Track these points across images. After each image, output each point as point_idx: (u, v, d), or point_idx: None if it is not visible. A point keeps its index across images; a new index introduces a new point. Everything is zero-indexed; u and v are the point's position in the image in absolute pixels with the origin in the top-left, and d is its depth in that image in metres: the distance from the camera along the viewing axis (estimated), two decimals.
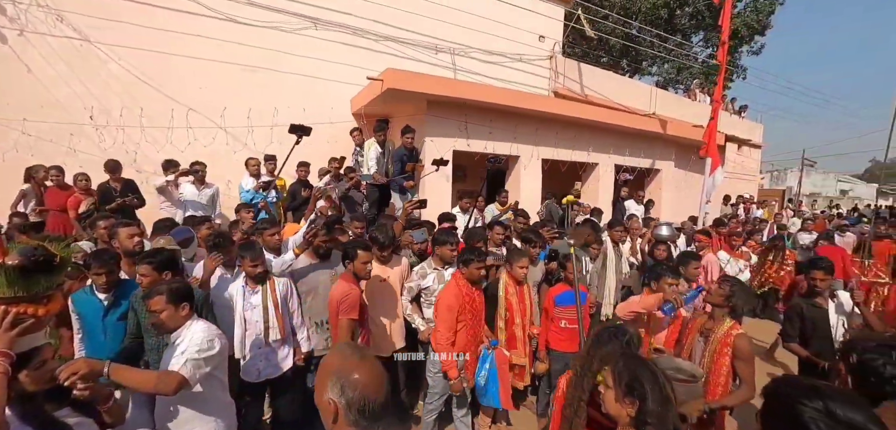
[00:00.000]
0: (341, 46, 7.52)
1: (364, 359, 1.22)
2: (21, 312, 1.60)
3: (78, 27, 6.08)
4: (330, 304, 2.97)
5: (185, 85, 6.53)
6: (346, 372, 1.16)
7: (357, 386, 1.13)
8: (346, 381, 1.14)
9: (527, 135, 7.45)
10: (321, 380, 1.20)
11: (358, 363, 1.18)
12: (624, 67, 19.77)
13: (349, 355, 1.22)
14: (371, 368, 1.20)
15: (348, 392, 1.13)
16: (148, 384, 2.04)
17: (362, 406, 1.13)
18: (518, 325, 3.64)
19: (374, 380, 1.17)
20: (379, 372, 1.21)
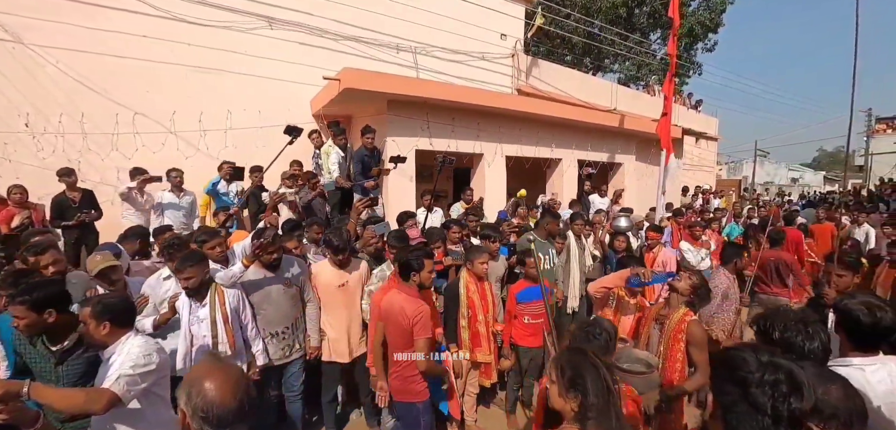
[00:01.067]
0: (298, 46, 7.32)
1: (220, 369, 1.24)
2: None
3: (9, 27, 5.66)
4: (398, 319, 2.70)
5: (131, 88, 6.18)
6: (196, 380, 1.19)
7: (203, 393, 1.15)
8: (194, 388, 1.17)
9: (490, 133, 7.49)
10: (180, 394, 1.22)
11: (210, 372, 1.21)
12: (587, 65, 20.26)
13: (207, 366, 1.25)
14: (223, 376, 1.21)
15: (194, 399, 1.16)
16: (75, 403, 1.91)
17: (206, 414, 1.14)
18: (481, 322, 3.62)
19: (224, 388, 1.18)
20: (232, 380, 1.22)
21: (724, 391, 1.22)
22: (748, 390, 1.14)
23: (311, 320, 3.37)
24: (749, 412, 1.13)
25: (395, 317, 2.72)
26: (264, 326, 3.13)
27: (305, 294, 3.35)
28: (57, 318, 2.21)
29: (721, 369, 1.27)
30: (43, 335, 2.24)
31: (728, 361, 1.25)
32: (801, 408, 1.09)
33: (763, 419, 1.11)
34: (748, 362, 1.17)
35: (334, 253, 3.33)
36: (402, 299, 2.72)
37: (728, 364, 1.24)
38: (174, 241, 3.15)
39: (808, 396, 1.09)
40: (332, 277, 3.40)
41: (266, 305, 3.13)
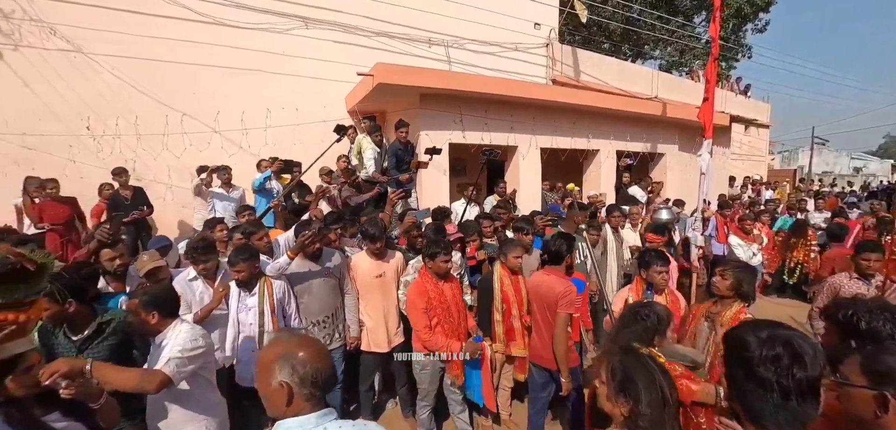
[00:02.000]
0: (333, 44, 7.47)
1: (303, 338, 1.33)
2: (1, 319, 1.62)
3: (71, 39, 6.11)
4: (544, 296, 3.14)
5: (179, 91, 6.53)
6: (291, 354, 1.24)
7: (307, 363, 1.23)
8: (295, 362, 1.23)
9: (524, 124, 7.36)
10: (265, 370, 1.26)
11: (299, 342, 1.29)
12: (625, 53, 19.53)
13: (289, 339, 1.31)
14: (312, 344, 1.31)
15: (300, 370, 1.22)
16: (131, 382, 2.05)
17: (315, 379, 1.22)
18: (516, 316, 3.57)
19: (319, 354, 1.28)
20: (320, 346, 1.33)
21: (734, 375, 1.23)
22: (753, 369, 1.15)
23: (349, 310, 3.46)
24: (758, 391, 1.14)
25: (542, 294, 3.16)
26: (306, 315, 3.24)
27: (344, 285, 3.43)
28: (76, 308, 2.32)
29: (727, 353, 1.28)
30: (64, 325, 2.36)
31: (731, 344, 1.26)
32: (807, 376, 1.08)
33: (772, 396, 1.11)
34: (748, 342, 1.18)
35: (371, 242, 3.39)
36: (551, 280, 3.16)
37: (732, 347, 1.25)
38: (199, 244, 3.27)
39: (812, 363, 1.08)
40: (370, 267, 3.46)
41: (308, 295, 3.24)
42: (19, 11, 5.94)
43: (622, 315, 2.33)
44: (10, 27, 5.94)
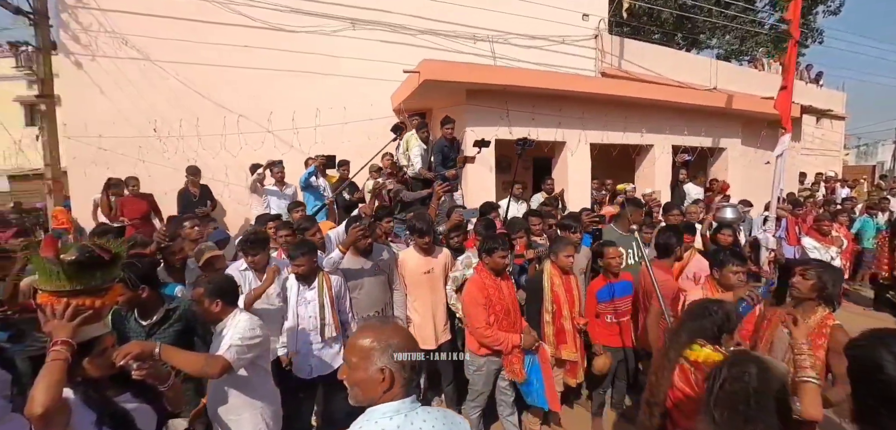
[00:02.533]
0: (378, 44, 7.57)
1: (396, 326, 1.40)
2: (80, 304, 1.72)
3: (141, 48, 6.57)
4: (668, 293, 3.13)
5: (235, 93, 6.85)
6: (390, 340, 1.28)
7: (403, 348, 1.28)
8: (394, 347, 1.27)
9: (573, 119, 7.11)
10: (362, 356, 1.29)
11: (394, 330, 1.35)
12: (679, 42, 18.50)
13: (384, 327, 1.35)
14: (404, 331, 1.41)
15: (399, 356, 1.26)
16: (196, 366, 2.16)
17: (413, 364, 1.28)
18: (566, 318, 3.44)
19: (412, 341, 1.36)
20: (410, 333, 1.42)
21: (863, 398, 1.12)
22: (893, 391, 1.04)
23: (398, 306, 3.47)
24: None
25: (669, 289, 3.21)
26: (356, 310, 3.27)
27: (393, 281, 3.44)
28: (148, 294, 2.46)
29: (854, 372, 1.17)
30: (135, 310, 2.51)
31: (859, 363, 1.16)
32: None
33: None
34: (882, 361, 1.07)
35: (419, 237, 3.37)
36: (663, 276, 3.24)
37: (860, 366, 1.15)
38: (250, 237, 3.36)
39: None
40: (418, 263, 3.45)
41: (359, 290, 3.27)
42: (96, 24, 6.46)
43: (689, 308, 2.16)
44: (89, 39, 6.47)
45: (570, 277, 3.52)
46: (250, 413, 2.40)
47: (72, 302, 1.72)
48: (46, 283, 1.75)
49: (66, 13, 6.39)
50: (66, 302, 1.71)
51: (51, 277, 1.74)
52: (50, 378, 1.54)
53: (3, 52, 17.37)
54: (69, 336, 1.65)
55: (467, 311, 3.10)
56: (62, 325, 1.66)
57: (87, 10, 6.42)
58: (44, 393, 1.51)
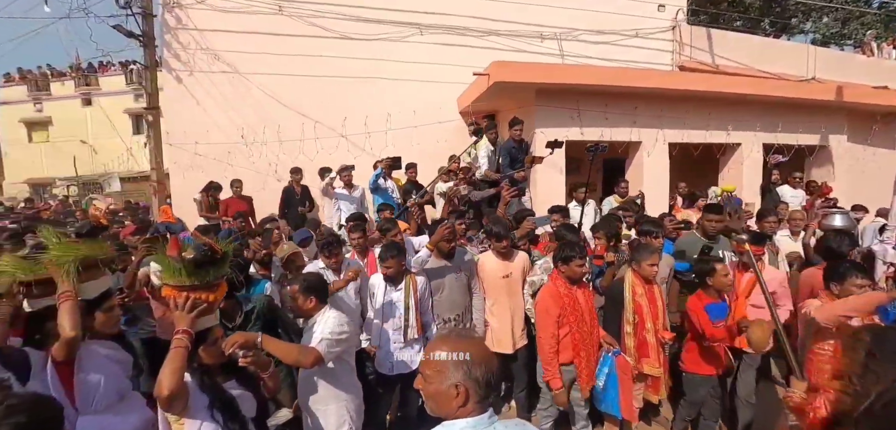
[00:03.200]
0: (444, 48, 7.66)
1: (473, 339, 1.37)
2: (197, 297, 1.92)
3: (230, 62, 7.18)
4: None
5: (312, 101, 7.28)
6: (466, 356, 1.24)
7: (480, 364, 1.23)
8: (471, 363, 1.22)
9: (649, 117, 6.71)
10: (437, 370, 1.26)
11: (471, 343, 1.30)
12: (766, 28, 16.82)
13: (460, 340, 1.32)
14: (482, 345, 1.36)
15: (475, 372, 1.21)
16: (291, 355, 2.34)
17: (488, 381, 1.23)
18: (649, 330, 3.23)
19: (489, 355, 1.29)
20: (487, 347, 1.37)
21: None
22: None
23: (477, 310, 3.46)
24: None
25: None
26: (437, 312, 3.31)
27: (472, 284, 3.45)
28: (227, 302, 2.56)
29: None
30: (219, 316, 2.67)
31: None
32: None
33: None
34: None
35: (497, 240, 3.35)
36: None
37: None
38: (328, 240, 3.48)
39: None
40: (497, 267, 3.42)
41: (440, 292, 3.30)
42: (194, 44, 7.16)
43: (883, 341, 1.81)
44: (187, 56, 7.18)
45: (654, 286, 3.31)
46: (336, 405, 2.53)
47: (190, 296, 1.92)
48: (170, 278, 1.97)
49: (169, 35, 7.15)
50: (186, 296, 1.91)
51: (174, 272, 1.96)
52: (174, 364, 1.74)
53: (116, 71, 19.86)
54: (188, 326, 1.85)
55: (538, 320, 3.04)
56: (182, 316, 1.87)
57: (186, 31, 7.14)
58: (170, 377, 1.71)
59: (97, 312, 2.24)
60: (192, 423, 1.82)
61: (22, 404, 1.21)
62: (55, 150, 20.43)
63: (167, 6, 7.08)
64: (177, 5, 7.07)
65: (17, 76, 21.34)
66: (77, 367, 2.06)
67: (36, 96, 21.17)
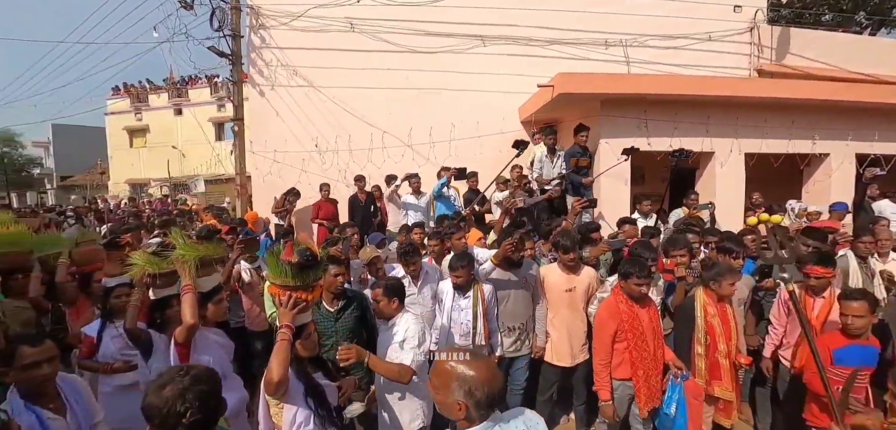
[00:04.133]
0: (507, 58, 7.77)
1: (477, 361, 1.44)
2: (298, 297, 2.17)
3: (306, 77, 7.78)
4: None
5: (380, 112, 7.70)
6: (468, 376, 1.37)
7: (481, 385, 1.35)
8: (472, 384, 1.36)
9: (723, 126, 6.38)
10: (443, 385, 1.41)
11: (474, 365, 1.40)
12: (861, 23, 15.15)
13: (464, 361, 1.42)
14: (484, 365, 1.44)
15: (476, 393, 1.35)
16: (392, 373, 2.56)
17: (490, 400, 1.36)
18: (722, 352, 3.13)
19: (492, 375, 1.40)
20: (492, 366, 1.48)
21: None
22: None
23: (539, 320, 3.54)
24: None
25: None
26: (502, 320, 3.43)
27: (537, 295, 3.53)
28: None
29: None
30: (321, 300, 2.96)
31: None
32: None
33: None
34: None
35: (564, 253, 3.40)
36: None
37: None
38: (408, 247, 3.65)
39: None
40: (560, 280, 3.48)
41: (505, 302, 3.42)
42: (275, 61, 7.84)
43: None
44: (270, 72, 7.86)
45: (727, 306, 3.21)
46: (410, 401, 2.72)
47: (293, 295, 2.18)
48: (276, 278, 2.23)
49: (255, 53, 7.88)
50: (289, 294, 2.17)
51: (279, 273, 2.22)
52: (281, 355, 1.97)
53: (202, 84, 21.93)
54: (291, 322, 2.09)
55: (594, 331, 3.08)
56: (286, 312, 2.12)
57: (268, 49, 7.83)
58: (278, 367, 1.95)
59: (209, 303, 2.61)
60: (290, 408, 2.05)
61: (202, 375, 1.48)
62: (151, 154, 23.00)
63: (253, 28, 7.81)
64: (261, 27, 7.78)
65: (122, 90, 24.26)
66: (192, 348, 2.44)
67: (137, 107, 23.95)
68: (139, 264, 2.62)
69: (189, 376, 1.43)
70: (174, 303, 2.60)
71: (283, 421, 2.05)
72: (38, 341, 1.93)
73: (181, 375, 1.44)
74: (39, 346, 1.91)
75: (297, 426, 2.05)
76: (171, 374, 1.46)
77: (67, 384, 2.11)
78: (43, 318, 3.28)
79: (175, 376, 1.44)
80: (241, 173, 8.76)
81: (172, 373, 1.46)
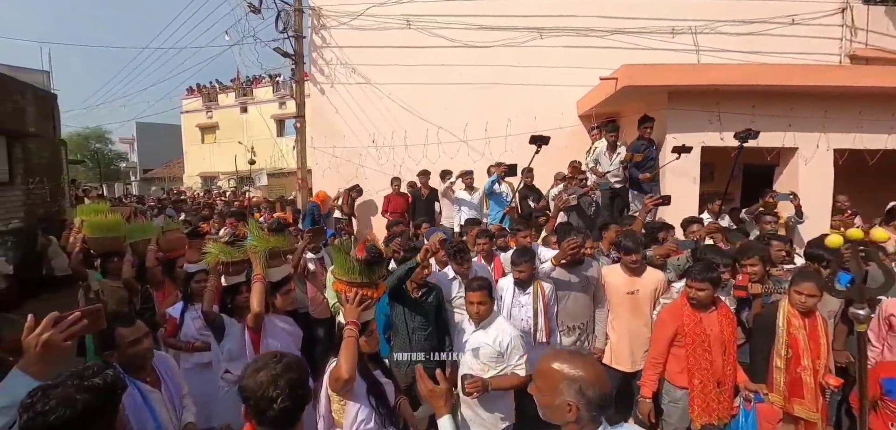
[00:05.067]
0: (566, 50, 7.52)
1: (587, 359, 1.38)
2: (364, 294, 2.22)
3: (364, 74, 7.98)
4: None
5: (435, 108, 7.75)
6: (579, 375, 1.29)
7: (593, 386, 1.26)
8: (583, 383, 1.27)
9: (808, 119, 5.79)
10: (550, 384, 1.33)
11: (585, 364, 1.33)
12: None
13: (574, 359, 1.35)
14: (596, 366, 1.36)
15: (587, 392, 1.26)
16: (514, 384, 2.60)
17: (600, 402, 1.26)
18: (806, 368, 2.84)
19: (603, 377, 1.31)
20: (601, 368, 1.38)
21: None
22: None
23: (599, 322, 3.44)
24: None
25: None
26: (562, 319, 3.35)
27: (598, 297, 3.42)
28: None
29: None
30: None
31: None
32: None
33: None
34: None
35: (626, 254, 3.27)
36: None
37: None
38: (460, 246, 3.59)
39: None
40: (622, 282, 3.35)
41: (564, 301, 3.35)
42: (335, 59, 8.11)
43: None
44: (329, 70, 8.15)
45: (817, 319, 2.91)
46: (494, 402, 2.68)
47: (359, 292, 2.23)
48: (343, 273, 2.30)
49: (315, 52, 8.19)
50: (356, 291, 2.22)
51: (347, 269, 2.29)
52: (349, 352, 2.01)
53: (265, 83, 23.23)
54: (356, 318, 2.13)
55: (653, 330, 2.99)
56: (352, 309, 2.16)
57: (328, 49, 8.11)
58: (348, 363, 1.99)
59: (278, 293, 2.75)
60: (353, 405, 2.08)
61: (293, 364, 1.53)
62: (220, 149, 24.75)
63: (315, 28, 8.12)
64: (322, 27, 8.07)
65: (195, 90, 26.29)
66: (263, 334, 2.58)
67: (207, 106, 25.86)
68: (213, 252, 2.81)
69: (282, 363, 1.49)
70: (243, 290, 2.75)
71: (344, 418, 2.08)
72: (131, 322, 2.10)
73: (275, 362, 1.49)
74: (133, 326, 2.07)
75: (358, 424, 2.07)
76: (266, 360, 1.52)
77: (160, 360, 2.30)
78: (134, 298, 3.64)
79: (269, 362, 1.49)
80: (301, 167, 9.19)
81: (267, 359, 1.52)
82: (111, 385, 1.25)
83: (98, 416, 1.18)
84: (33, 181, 7.86)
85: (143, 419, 1.95)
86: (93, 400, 1.17)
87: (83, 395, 1.15)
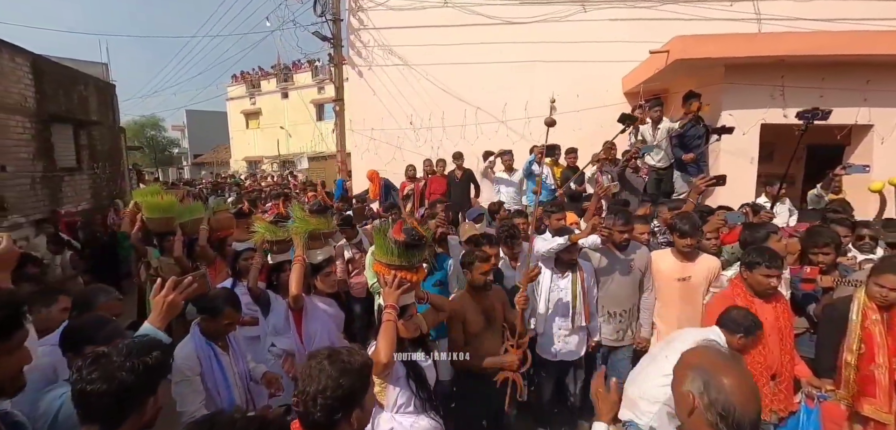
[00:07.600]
0: (610, 24, 7.16)
1: (736, 366, 1.18)
2: (403, 277, 2.19)
3: (402, 56, 7.95)
4: None
5: (474, 88, 7.63)
6: (713, 372, 1.14)
7: (723, 390, 1.10)
8: (714, 381, 1.12)
9: (885, 93, 5.24)
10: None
11: (729, 366, 1.16)
12: None
13: (720, 357, 1.20)
14: (741, 377, 1.14)
15: (713, 394, 1.10)
16: None
17: (725, 413, 1.08)
18: (880, 367, 2.58)
19: (744, 392, 1.10)
20: (750, 387, 1.14)
21: None
22: None
23: (645, 309, 3.28)
24: None
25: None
26: (603, 304, 3.25)
27: (645, 281, 3.27)
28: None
29: None
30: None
31: None
32: None
33: None
34: None
35: (681, 237, 3.08)
36: None
37: None
38: (510, 230, 3.53)
39: None
40: (673, 268, 3.17)
41: (607, 284, 3.24)
42: (372, 41, 8.11)
43: None
44: (367, 53, 8.17)
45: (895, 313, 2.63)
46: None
47: (397, 274, 2.21)
48: (382, 256, 2.29)
49: (353, 35, 8.22)
50: (394, 274, 2.20)
51: (386, 252, 2.27)
52: (388, 336, 2.00)
53: (304, 69, 23.73)
54: (395, 302, 2.12)
55: (703, 320, 2.81)
56: (391, 292, 2.14)
57: (366, 31, 8.12)
58: (386, 347, 1.98)
59: (319, 275, 2.79)
60: (393, 389, 2.09)
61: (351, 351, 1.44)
62: (263, 134, 25.68)
63: (352, 10, 8.13)
64: (360, 9, 8.07)
65: (239, 77, 27.28)
66: (304, 315, 2.63)
67: (251, 93, 26.79)
68: (260, 231, 2.92)
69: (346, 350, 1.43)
70: (287, 268, 2.82)
71: (385, 400, 2.10)
72: (239, 308, 2.41)
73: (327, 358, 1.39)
74: (238, 311, 2.39)
75: (398, 408, 2.09)
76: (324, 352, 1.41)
77: None
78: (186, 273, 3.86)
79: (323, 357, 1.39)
80: (341, 150, 9.36)
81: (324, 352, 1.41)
82: (154, 368, 1.28)
83: (134, 392, 1.22)
84: (97, 166, 8.45)
85: (215, 375, 2.25)
86: (132, 380, 1.20)
87: (123, 373, 1.19)
